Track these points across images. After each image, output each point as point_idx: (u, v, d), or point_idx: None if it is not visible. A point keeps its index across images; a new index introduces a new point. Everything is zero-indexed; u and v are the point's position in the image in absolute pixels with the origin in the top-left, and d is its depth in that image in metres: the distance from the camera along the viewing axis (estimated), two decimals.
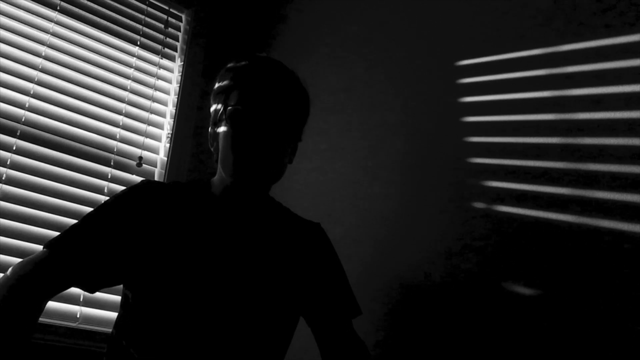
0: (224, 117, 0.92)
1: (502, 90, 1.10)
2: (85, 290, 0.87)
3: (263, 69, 0.93)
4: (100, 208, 0.90)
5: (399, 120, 1.31)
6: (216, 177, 1.00)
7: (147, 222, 0.89)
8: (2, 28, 1.47)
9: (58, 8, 1.58)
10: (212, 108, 0.99)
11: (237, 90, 0.91)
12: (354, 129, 1.43)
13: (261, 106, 0.89)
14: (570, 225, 0.91)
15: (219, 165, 0.97)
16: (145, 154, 1.64)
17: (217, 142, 0.96)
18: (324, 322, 1.00)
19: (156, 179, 1.65)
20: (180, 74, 1.79)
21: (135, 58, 1.71)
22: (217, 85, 0.98)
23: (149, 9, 1.79)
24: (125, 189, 0.95)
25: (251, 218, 0.98)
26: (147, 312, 0.86)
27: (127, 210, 0.90)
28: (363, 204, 1.31)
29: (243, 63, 0.94)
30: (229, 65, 0.97)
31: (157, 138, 1.70)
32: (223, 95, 0.94)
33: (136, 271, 0.88)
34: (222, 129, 0.93)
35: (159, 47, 1.78)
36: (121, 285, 0.92)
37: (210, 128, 1.00)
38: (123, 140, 1.61)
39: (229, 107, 0.90)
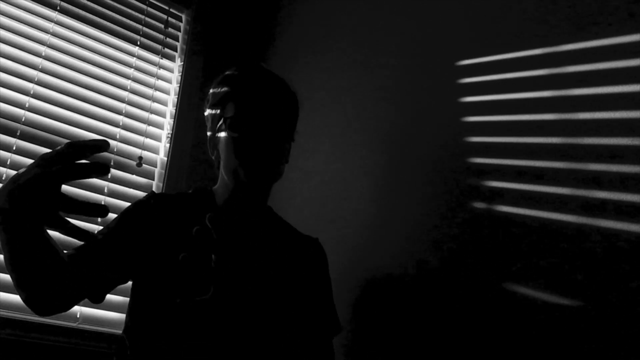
0: (223, 126, 0.97)
1: (502, 90, 1.10)
2: (92, 300, 0.91)
3: (255, 78, 0.99)
4: (108, 226, 0.94)
5: (397, 121, 1.31)
6: (219, 185, 1.04)
7: (154, 236, 0.92)
8: (2, 28, 1.47)
9: (58, 8, 1.59)
10: (208, 114, 1.03)
11: (233, 100, 0.97)
12: (350, 129, 1.43)
13: (257, 113, 0.95)
14: (570, 225, 0.91)
15: (222, 172, 1.00)
16: (145, 154, 1.64)
17: (218, 150, 1.01)
18: (303, 339, 0.98)
19: (156, 179, 1.65)
20: (180, 74, 1.79)
21: (135, 58, 1.71)
22: (212, 92, 1.03)
23: (149, 9, 1.79)
24: (131, 205, 0.99)
25: (255, 227, 1.00)
26: (152, 320, 0.88)
27: (133, 225, 0.94)
28: (359, 202, 1.31)
29: (236, 73, 1.01)
30: (222, 75, 1.03)
31: (157, 138, 1.70)
32: (220, 105, 1.00)
33: (145, 282, 0.91)
34: (222, 138, 0.98)
35: (159, 47, 1.78)
36: (122, 286, 0.95)
37: (208, 137, 1.04)
38: (123, 140, 1.61)
39: (228, 117, 0.96)
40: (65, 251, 0.85)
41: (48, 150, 1.46)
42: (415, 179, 1.22)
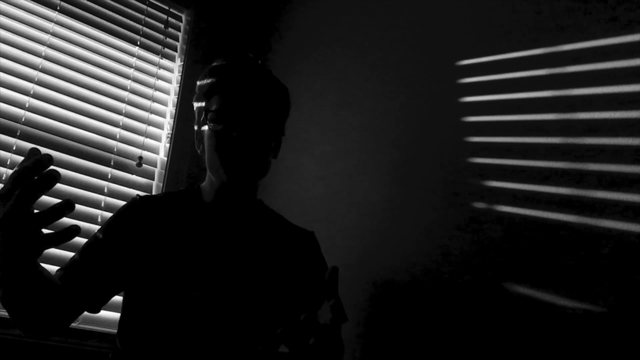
0: (206, 120, 0.94)
1: (502, 90, 1.10)
2: (89, 311, 0.91)
3: (241, 69, 0.95)
4: (96, 235, 0.94)
5: (396, 121, 1.31)
6: (206, 183, 1.02)
7: (143, 239, 0.91)
8: (2, 28, 1.47)
9: (58, 8, 1.58)
10: (195, 107, 1.01)
11: (218, 93, 0.94)
12: (355, 130, 1.43)
13: (240, 107, 0.91)
14: (569, 225, 0.91)
15: (207, 168, 0.98)
16: (145, 154, 1.64)
17: (203, 145, 0.98)
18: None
19: (156, 179, 1.65)
20: (180, 74, 1.79)
21: (135, 58, 1.71)
22: (198, 84, 1.00)
23: (149, 9, 1.79)
24: (117, 211, 0.97)
25: (243, 224, 0.98)
26: (143, 320, 0.88)
27: (121, 232, 0.93)
28: (358, 203, 1.31)
29: (222, 64, 0.97)
30: (210, 65, 0.99)
31: (157, 138, 1.70)
32: (205, 98, 0.96)
33: (135, 284, 0.91)
34: (205, 131, 0.96)
35: (159, 47, 1.78)
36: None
37: (195, 130, 1.02)
38: (123, 140, 1.61)
39: (210, 111, 0.93)
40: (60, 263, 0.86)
41: (48, 151, 1.44)
42: (419, 180, 1.22)
